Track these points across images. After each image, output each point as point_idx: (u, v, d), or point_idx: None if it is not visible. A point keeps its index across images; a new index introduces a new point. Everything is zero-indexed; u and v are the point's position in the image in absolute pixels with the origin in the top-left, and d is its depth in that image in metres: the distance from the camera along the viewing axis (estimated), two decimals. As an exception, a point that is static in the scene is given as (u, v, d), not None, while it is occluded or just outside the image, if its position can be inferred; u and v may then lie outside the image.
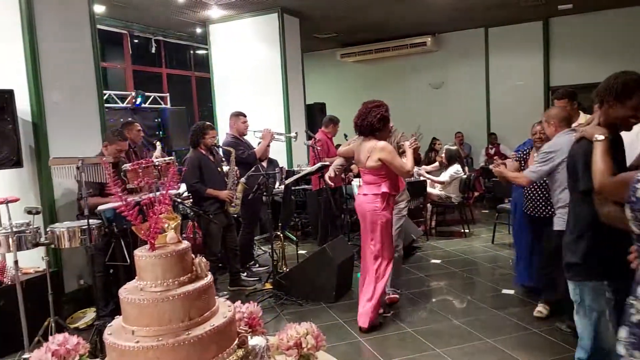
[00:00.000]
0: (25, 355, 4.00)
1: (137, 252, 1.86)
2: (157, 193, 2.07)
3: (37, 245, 4.24)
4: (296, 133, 7.53)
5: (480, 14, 10.47)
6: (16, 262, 3.99)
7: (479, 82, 12.05)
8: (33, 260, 4.87)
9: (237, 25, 9.07)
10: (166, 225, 1.88)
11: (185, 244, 1.90)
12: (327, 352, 2.20)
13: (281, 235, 6.21)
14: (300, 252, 6.70)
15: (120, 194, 1.89)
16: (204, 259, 1.91)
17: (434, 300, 5.37)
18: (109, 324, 1.89)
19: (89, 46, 5.67)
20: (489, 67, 11.98)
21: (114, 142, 5.00)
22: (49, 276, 4.29)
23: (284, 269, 6.05)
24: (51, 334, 4.24)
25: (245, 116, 6.34)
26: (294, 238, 7.17)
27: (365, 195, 4.52)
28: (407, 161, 4.51)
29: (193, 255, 1.91)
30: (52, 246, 4.43)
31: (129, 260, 4.67)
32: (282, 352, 1.99)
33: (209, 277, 1.90)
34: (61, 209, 5.25)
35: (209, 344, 1.77)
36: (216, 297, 1.99)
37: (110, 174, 1.93)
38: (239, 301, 2.10)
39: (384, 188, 4.45)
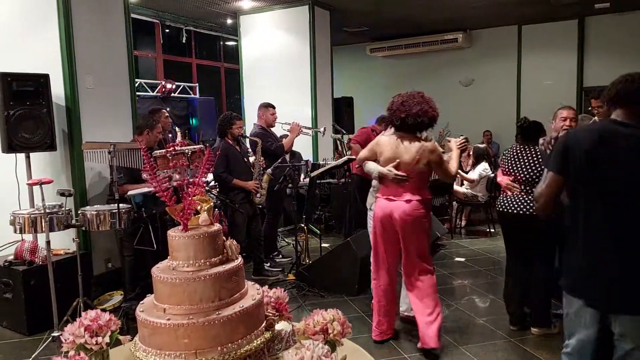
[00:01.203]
0: (55, 333, 4.09)
1: (171, 232, 1.89)
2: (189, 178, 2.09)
3: (68, 227, 4.34)
4: (324, 128, 7.54)
5: (513, 11, 10.34)
6: (48, 243, 4.09)
7: (510, 81, 11.90)
8: (62, 242, 4.98)
9: (268, 16, 9.10)
10: (199, 207, 1.92)
11: (217, 226, 1.94)
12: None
13: (305, 227, 6.23)
14: (323, 245, 6.72)
15: (155, 177, 1.93)
16: (234, 242, 1.95)
17: (457, 297, 5.35)
18: (141, 302, 1.94)
19: (123, 34, 5.75)
20: (520, 65, 11.81)
21: (154, 127, 5.10)
22: (79, 257, 4.38)
23: (307, 261, 6.08)
24: (79, 314, 4.34)
25: (274, 108, 6.37)
26: (317, 231, 7.20)
27: (410, 201, 3.89)
28: (453, 163, 4.04)
29: (224, 238, 1.94)
30: (83, 228, 4.53)
31: (155, 246, 4.77)
32: (309, 337, 2.02)
33: (239, 260, 1.93)
34: (91, 193, 5.34)
35: (237, 324, 1.80)
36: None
37: (148, 158, 1.96)
38: (266, 286, 2.13)
39: (428, 193, 4.01)
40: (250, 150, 6.32)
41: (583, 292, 2.41)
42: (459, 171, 8.14)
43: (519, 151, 4.41)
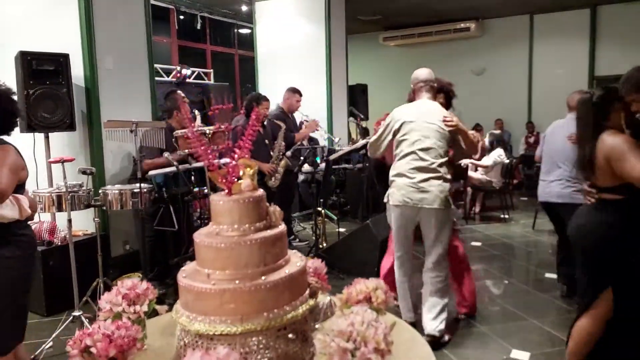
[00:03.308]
0: (76, 313, 4.08)
1: (214, 197, 1.86)
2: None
3: (89, 206, 4.30)
4: (339, 139, 7.55)
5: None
6: (70, 221, 4.05)
7: (522, 70, 11.87)
8: (81, 224, 4.96)
9: (283, 3, 9.03)
10: (241, 172, 1.88)
11: (261, 191, 1.91)
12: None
13: (322, 211, 6.20)
14: (339, 230, 6.70)
15: (205, 151, 1.89)
16: (277, 208, 1.92)
17: (475, 281, 5.31)
18: (182, 268, 1.91)
19: (142, 16, 5.74)
20: (532, 54, 11.78)
21: (184, 106, 5.10)
22: (99, 237, 4.35)
23: (324, 245, 6.06)
24: (99, 295, 4.33)
25: (301, 95, 6.35)
26: (334, 217, 7.18)
27: None
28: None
29: (267, 204, 1.91)
30: (104, 208, 4.50)
31: (177, 226, 4.74)
32: (352, 306, 1.99)
33: (283, 226, 1.90)
34: (109, 175, 5.33)
35: (283, 290, 1.76)
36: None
37: (194, 133, 1.92)
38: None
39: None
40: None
41: None
42: (473, 161, 8.11)
43: None
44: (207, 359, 1.43)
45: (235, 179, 1.84)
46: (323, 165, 6.96)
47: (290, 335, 1.77)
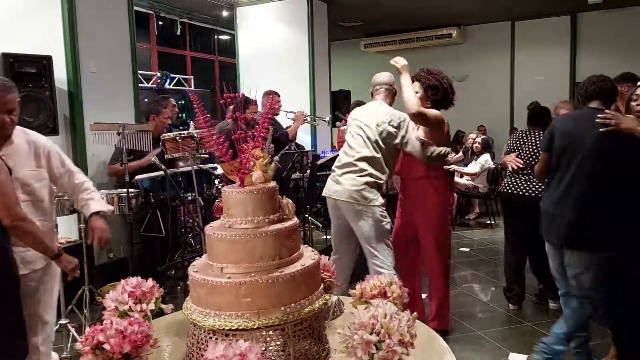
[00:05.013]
0: (62, 321, 3.96)
1: (226, 189, 1.79)
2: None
3: (74, 211, 4.18)
4: (330, 118, 7.44)
5: (507, 6, 10.39)
6: (56, 226, 3.92)
7: (504, 76, 11.96)
8: (61, 232, 4.80)
9: (265, 8, 8.92)
10: (251, 163, 1.82)
11: (274, 183, 1.85)
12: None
13: (309, 217, 6.13)
14: (324, 238, 6.64)
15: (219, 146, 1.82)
16: (290, 201, 1.85)
17: (467, 284, 5.32)
18: (192, 264, 1.83)
19: (125, 20, 5.65)
20: (514, 61, 11.90)
21: (160, 113, 5.02)
22: (85, 245, 4.21)
23: (312, 251, 5.98)
24: (85, 303, 4.20)
25: (279, 95, 6.26)
26: (319, 224, 7.11)
27: None
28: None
29: (280, 197, 1.85)
30: (89, 213, 4.36)
31: (164, 232, 4.63)
32: (366, 301, 1.92)
33: (296, 220, 1.84)
34: (92, 179, 5.18)
35: (300, 283, 1.70)
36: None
37: (208, 128, 1.85)
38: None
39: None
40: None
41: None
42: (461, 168, 8.12)
43: (524, 135, 4.45)
44: (230, 351, 1.37)
45: (249, 170, 1.78)
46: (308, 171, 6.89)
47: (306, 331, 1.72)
